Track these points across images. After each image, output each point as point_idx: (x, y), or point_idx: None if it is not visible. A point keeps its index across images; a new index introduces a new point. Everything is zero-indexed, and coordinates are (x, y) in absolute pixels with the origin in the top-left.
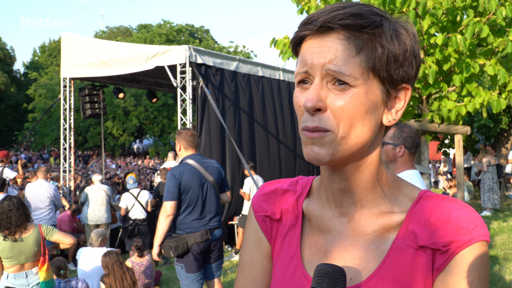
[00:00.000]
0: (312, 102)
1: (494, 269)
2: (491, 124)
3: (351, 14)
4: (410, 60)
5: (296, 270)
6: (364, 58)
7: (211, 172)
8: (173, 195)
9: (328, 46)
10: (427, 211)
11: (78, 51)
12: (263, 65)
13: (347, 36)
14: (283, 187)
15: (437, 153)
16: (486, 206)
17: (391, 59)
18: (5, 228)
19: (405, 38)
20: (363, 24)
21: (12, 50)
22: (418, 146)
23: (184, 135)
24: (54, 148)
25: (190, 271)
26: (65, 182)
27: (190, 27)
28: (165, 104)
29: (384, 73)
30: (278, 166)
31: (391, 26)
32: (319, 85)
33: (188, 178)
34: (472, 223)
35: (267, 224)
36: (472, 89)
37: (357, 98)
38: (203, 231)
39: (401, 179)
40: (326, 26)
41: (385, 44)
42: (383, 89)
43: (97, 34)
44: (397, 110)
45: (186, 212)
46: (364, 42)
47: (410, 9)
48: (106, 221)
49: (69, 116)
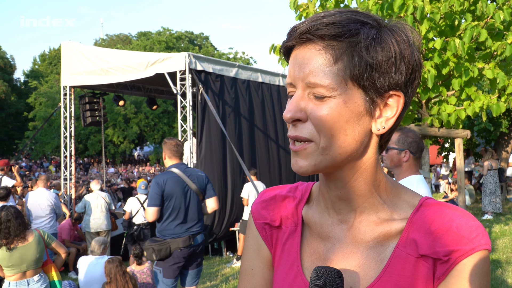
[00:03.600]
0: (290, 113)
1: (496, 272)
2: (491, 127)
3: (327, 24)
4: (397, 66)
5: (296, 277)
6: (341, 67)
7: (194, 180)
8: (155, 201)
9: (307, 58)
10: (428, 219)
11: (78, 59)
12: (263, 71)
13: (323, 46)
14: (282, 193)
15: (437, 157)
16: (487, 210)
17: (370, 67)
18: (4, 238)
19: (391, 44)
20: (338, 33)
21: (12, 59)
22: (423, 150)
23: (168, 144)
24: (55, 156)
25: (167, 276)
26: (66, 190)
27: (189, 34)
28: (166, 111)
29: (365, 81)
30: (278, 172)
31: (371, 33)
32: (300, 96)
33: (171, 186)
34: (474, 232)
35: (267, 232)
36: (472, 93)
37: (335, 109)
38: (186, 237)
39: (401, 185)
40: (305, 37)
41: (362, 53)
42: (365, 98)
43: (97, 42)
44: (387, 118)
45: (170, 218)
46: (342, 51)
47: (408, 14)
48: (106, 228)
49: (69, 124)
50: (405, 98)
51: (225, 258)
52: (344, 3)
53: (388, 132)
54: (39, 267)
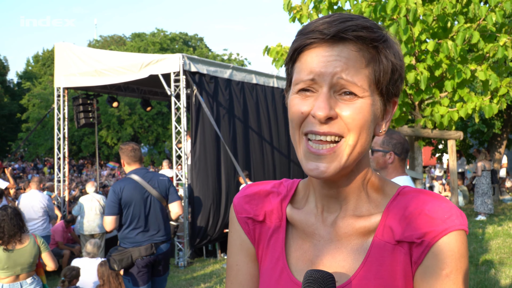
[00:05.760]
0: (325, 111)
1: (490, 273)
2: (484, 128)
3: (363, 27)
4: (402, 75)
5: (282, 273)
6: (371, 70)
7: (155, 185)
8: (112, 210)
9: (340, 56)
10: (402, 205)
11: (71, 61)
12: (257, 72)
13: (359, 47)
14: (266, 188)
15: (431, 158)
16: (479, 211)
17: (391, 74)
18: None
19: (399, 54)
20: (375, 38)
21: (5, 60)
22: (408, 152)
23: (125, 150)
24: (48, 158)
25: (136, 284)
26: (59, 192)
27: (184, 35)
28: (160, 113)
29: (384, 87)
30: (272, 173)
31: (392, 41)
32: (328, 94)
33: (128, 193)
34: (447, 213)
35: (250, 226)
36: (464, 95)
37: (365, 108)
38: (148, 245)
39: (386, 180)
40: (339, 36)
41: (390, 58)
42: (381, 101)
43: (90, 43)
44: (386, 121)
45: (130, 227)
46: (372, 55)
47: (401, 16)
48: (100, 231)
49: (63, 126)
50: None
51: (220, 259)
52: (337, 5)
53: None
54: (33, 270)
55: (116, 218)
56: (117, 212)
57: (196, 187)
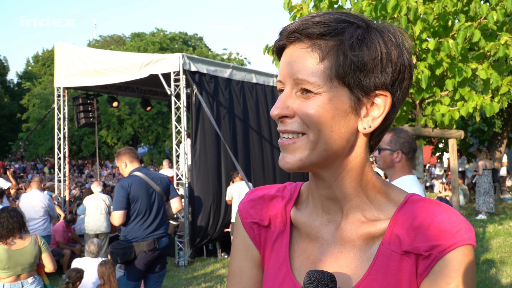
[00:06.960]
0: (277, 110)
1: (491, 272)
2: (485, 127)
3: (314, 23)
4: (383, 67)
5: (286, 278)
6: (328, 65)
7: (157, 182)
8: (121, 204)
9: (295, 56)
10: (411, 215)
11: (71, 61)
12: (257, 72)
13: (309, 44)
14: (271, 193)
15: (431, 157)
16: (481, 209)
17: (355, 66)
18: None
19: (378, 44)
20: (323, 32)
21: (5, 60)
22: (415, 151)
23: (124, 152)
24: (49, 158)
25: (130, 279)
26: (59, 192)
27: (183, 35)
28: (160, 112)
29: (350, 80)
30: (272, 173)
31: (356, 32)
32: (288, 94)
33: (136, 188)
34: (456, 227)
35: (255, 231)
36: (465, 93)
37: (320, 105)
38: (150, 240)
39: (390, 184)
40: (293, 36)
41: (347, 51)
42: (351, 96)
43: (90, 43)
44: (374, 117)
45: (135, 221)
46: (328, 49)
47: (401, 14)
48: (105, 231)
49: (63, 126)
50: (393, 99)
51: (220, 259)
52: (338, 3)
53: (377, 132)
54: (34, 270)
55: (124, 212)
56: (125, 206)
57: (197, 186)
